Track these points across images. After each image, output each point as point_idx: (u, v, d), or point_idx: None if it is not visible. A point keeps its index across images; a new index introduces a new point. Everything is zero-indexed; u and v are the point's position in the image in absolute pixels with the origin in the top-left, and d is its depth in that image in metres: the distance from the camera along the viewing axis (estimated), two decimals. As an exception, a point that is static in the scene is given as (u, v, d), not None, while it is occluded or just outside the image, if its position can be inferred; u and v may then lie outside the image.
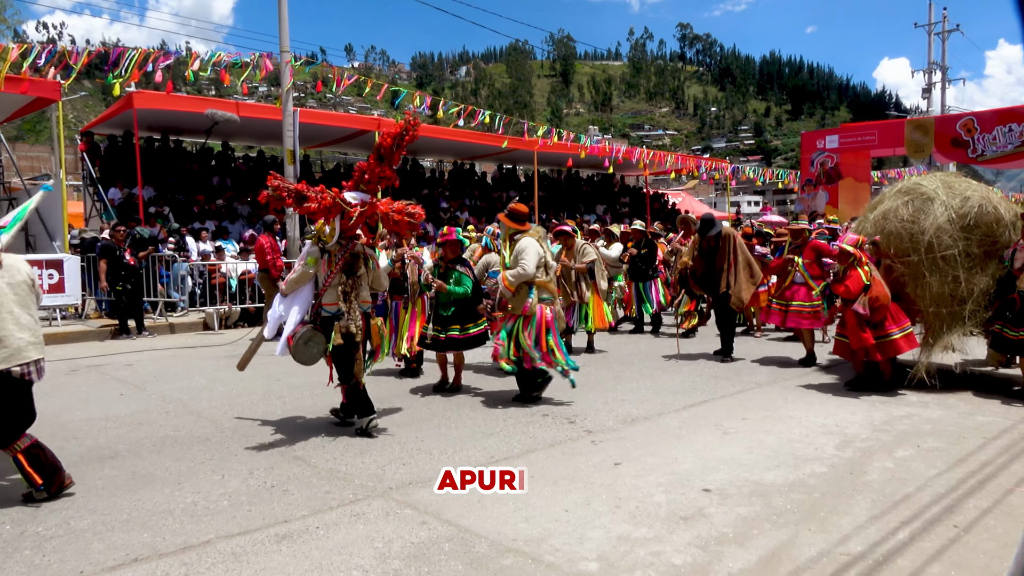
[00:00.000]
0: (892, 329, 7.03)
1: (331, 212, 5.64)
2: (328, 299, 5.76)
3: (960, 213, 7.07)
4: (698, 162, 28.33)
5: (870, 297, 6.91)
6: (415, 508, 4.18)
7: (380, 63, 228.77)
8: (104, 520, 4.06)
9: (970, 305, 6.99)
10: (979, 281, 7.00)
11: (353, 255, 5.79)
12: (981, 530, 3.79)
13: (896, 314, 7.12)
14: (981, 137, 20.62)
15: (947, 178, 7.67)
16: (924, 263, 7.13)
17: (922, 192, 7.41)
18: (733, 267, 8.74)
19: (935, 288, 7.09)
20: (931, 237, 7.07)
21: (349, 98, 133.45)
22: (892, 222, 7.41)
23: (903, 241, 7.30)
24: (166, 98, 14.85)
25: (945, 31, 31.38)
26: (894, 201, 7.56)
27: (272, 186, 5.65)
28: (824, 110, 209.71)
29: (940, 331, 7.20)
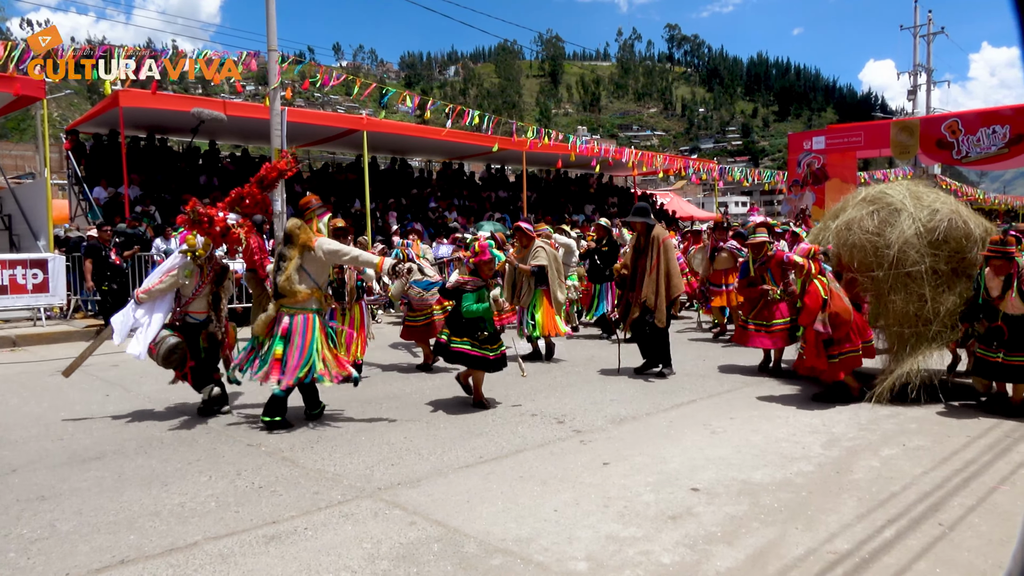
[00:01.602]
0: (857, 343, 6.58)
1: (226, 235, 6.46)
2: (196, 307, 6.48)
3: (928, 227, 6.65)
4: (686, 163, 28.41)
5: (830, 313, 6.41)
6: (404, 508, 4.18)
7: (369, 62, 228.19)
8: (90, 522, 4.03)
9: (935, 326, 6.57)
10: (946, 300, 6.58)
11: (223, 268, 6.62)
12: (966, 528, 3.83)
13: (861, 327, 6.70)
14: (965, 138, 20.80)
15: (914, 188, 7.20)
16: (889, 279, 6.70)
17: (888, 202, 6.96)
18: (653, 273, 7.88)
19: (899, 306, 6.67)
20: (897, 252, 6.63)
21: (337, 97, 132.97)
22: (856, 233, 6.93)
23: (867, 254, 6.84)
24: (152, 96, 14.73)
25: (930, 33, 31.65)
26: (859, 211, 7.07)
27: (190, 211, 6.37)
28: (811, 111, 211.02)
29: (903, 352, 6.72)
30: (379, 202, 19.28)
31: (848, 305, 6.53)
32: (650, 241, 7.95)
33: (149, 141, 17.88)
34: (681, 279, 8.14)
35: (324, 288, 6.19)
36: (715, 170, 28.95)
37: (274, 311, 5.99)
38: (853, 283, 7.03)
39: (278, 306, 5.98)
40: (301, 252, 5.96)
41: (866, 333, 6.74)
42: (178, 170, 17.42)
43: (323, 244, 6.02)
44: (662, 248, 7.90)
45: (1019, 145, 20.04)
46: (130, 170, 14.41)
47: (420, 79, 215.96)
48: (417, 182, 22.98)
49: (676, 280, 7.97)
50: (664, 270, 7.85)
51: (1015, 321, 6.13)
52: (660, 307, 7.84)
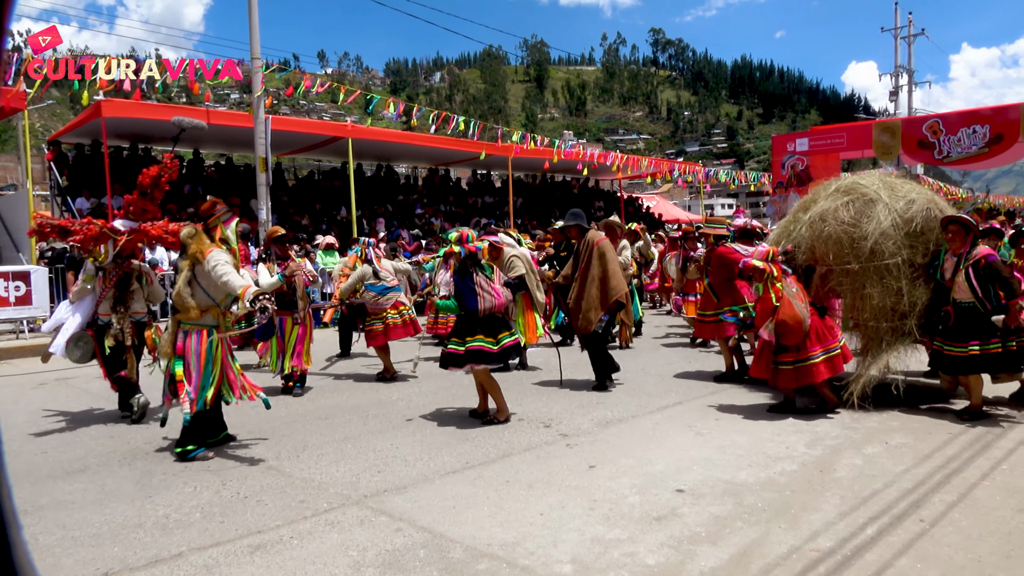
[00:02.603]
0: (815, 351, 6.15)
1: (98, 240, 6.55)
2: (102, 310, 6.66)
3: (905, 218, 6.41)
4: (672, 166, 28.57)
5: (776, 321, 6.11)
6: (390, 515, 4.17)
7: (354, 69, 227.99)
8: (73, 535, 4.00)
9: (912, 320, 6.37)
10: (922, 294, 6.39)
11: (127, 273, 6.69)
12: (947, 524, 3.87)
13: (822, 332, 6.24)
14: (947, 139, 21.04)
15: (887, 178, 6.98)
16: (865, 272, 6.45)
17: (863, 192, 6.70)
18: (583, 279, 7.53)
19: (876, 300, 6.41)
20: (875, 243, 6.35)
21: (323, 104, 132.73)
22: (831, 225, 6.63)
23: (843, 247, 6.55)
24: (135, 106, 14.68)
25: (911, 35, 32.01)
26: (832, 201, 6.80)
27: (37, 224, 6.54)
28: (795, 113, 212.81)
29: (879, 348, 6.47)
30: (365, 209, 19.26)
31: (798, 313, 6.07)
32: (584, 245, 7.62)
33: (132, 151, 17.79)
34: (621, 282, 7.61)
35: (226, 304, 5.64)
36: (701, 173, 29.12)
37: (174, 327, 5.54)
38: (826, 278, 6.79)
39: (176, 322, 5.53)
40: (192, 264, 5.44)
41: (827, 340, 6.23)
42: (162, 180, 17.33)
43: (212, 259, 5.34)
44: (595, 252, 7.53)
45: (999, 145, 20.29)
46: (113, 180, 14.32)
47: (405, 85, 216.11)
48: (403, 189, 22.98)
49: (614, 283, 7.49)
50: (598, 275, 7.47)
51: (964, 309, 5.96)
52: (587, 312, 7.45)
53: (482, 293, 6.17)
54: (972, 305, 5.89)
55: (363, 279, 8.29)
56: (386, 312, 8.32)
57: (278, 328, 7.58)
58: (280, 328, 7.59)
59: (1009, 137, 19.97)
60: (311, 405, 7.22)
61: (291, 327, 7.60)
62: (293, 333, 7.59)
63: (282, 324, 7.60)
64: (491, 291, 6.20)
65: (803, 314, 6.10)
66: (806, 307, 6.19)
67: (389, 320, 8.33)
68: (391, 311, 8.34)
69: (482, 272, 6.25)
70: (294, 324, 7.58)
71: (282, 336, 7.61)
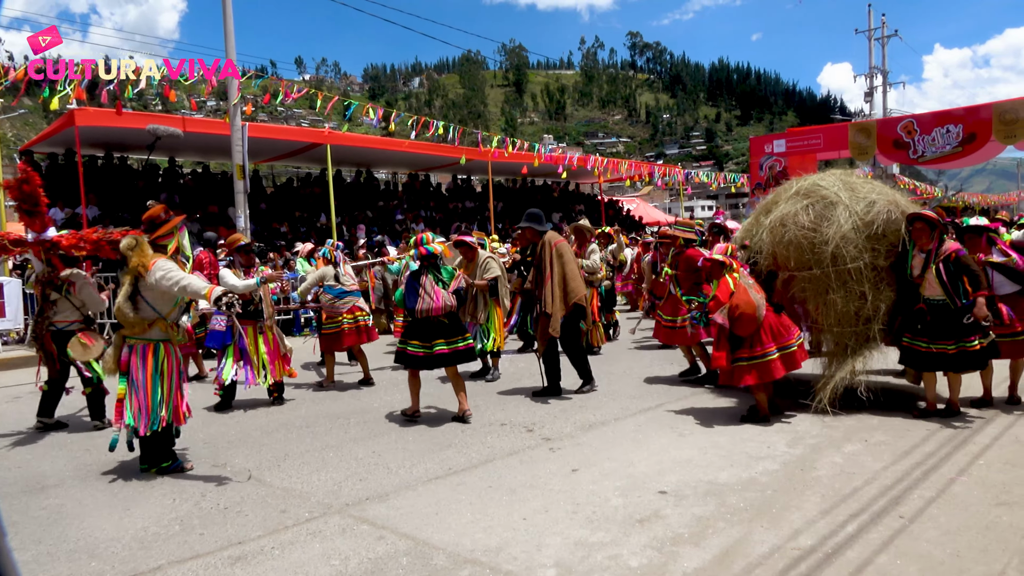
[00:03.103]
0: (770, 347, 6.02)
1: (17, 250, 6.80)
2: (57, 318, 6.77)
3: (866, 220, 6.23)
4: (651, 168, 28.73)
5: (731, 305, 5.98)
6: (372, 523, 4.15)
7: (332, 75, 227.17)
8: (50, 551, 3.94)
9: (876, 324, 6.24)
10: (886, 298, 6.26)
11: (46, 283, 6.70)
12: (926, 519, 3.92)
13: (777, 329, 6.12)
14: (921, 138, 21.32)
15: (848, 178, 6.78)
16: (827, 277, 6.28)
17: (823, 195, 6.49)
18: (548, 282, 7.28)
19: (840, 306, 6.26)
20: (835, 247, 6.18)
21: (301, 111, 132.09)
22: (792, 230, 6.43)
23: (804, 252, 6.37)
24: (109, 115, 14.47)
25: (884, 36, 32.41)
26: (792, 205, 6.60)
27: None
28: (772, 115, 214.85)
29: (844, 354, 6.37)
30: (345, 216, 19.17)
31: (753, 300, 5.98)
32: (544, 248, 7.39)
33: (107, 160, 17.58)
34: (580, 283, 7.46)
35: (174, 317, 5.31)
36: (681, 175, 29.30)
37: (119, 342, 5.23)
38: (788, 283, 6.64)
39: (121, 336, 5.22)
40: (133, 277, 5.10)
41: (783, 337, 6.12)
42: (137, 188, 17.15)
43: (159, 268, 5.00)
44: (554, 254, 7.32)
45: (972, 144, 20.60)
46: (87, 190, 14.14)
47: (384, 91, 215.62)
48: (383, 194, 22.90)
49: (573, 285, 7.32)
50: (559, 277, 7.28)
51: (937, 306, 5.91)
52: (555, 316, 7.23)
53: (423, 294, 6.37)
54: (943, 302, 5.86)
55: (323, 279, 8.21)
56: (342, 316, 8.20)
57: (238, 337, 7.23)
58: (240, 337, 7.22)
59: (982, 136, 20.28)
60: (292, 414, 7.16)
61: (254, 336, 7.29)
62: (260, 343, 7.30)
63: (242, 334, 7.24)
64: (432, 294, 6.36)
65: (758, 302, 5.99)
66: (762, 298, 6.09)
67: (345, 325, 8.20)
68: (347, 316, 8.21)
69: (433, 275, 6.44)
70: (257, 333, 7.31)
71: (243, 345, 7.24)
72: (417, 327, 6.46)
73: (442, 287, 6.42)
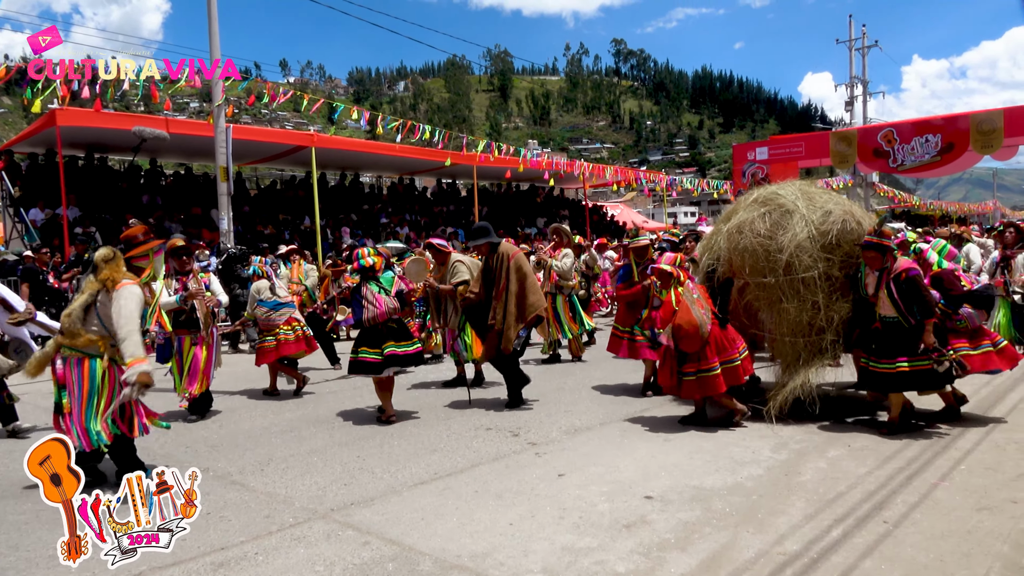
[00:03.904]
0: (714, 362, 5.96)
1: None
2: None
3: (821, 230, 6.16)
4: (636, 174, 28.89)
5: (673, 326, 5.94)
6: (357, 529, 4.11)
7: (316, 78, 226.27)
8: (28, 557, 3.87)
9: (829, 335, 6.14)
10: (839, 308, 6.15)
11: None
12: (909, 524, 3.94)
13: (722, 343, 6.05)
14: (901, 147, 21.63)
15: (807, 188, 6.73)
16: (782, 286, 6.19)
17: (781, 203, 6.44)
18: (503, 295, 6.99)
19: (792, 315, 6.16)
20: (790, 256, 6.11)
21: (285, 113, 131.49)
22: (748, 237, 6.37)
23: (759, 260, 6.30)
24: (91, 115, 14.34)
25: (865, 47, 32.83)
26: (750, 213, 6.55)
27: None
28: (754, 123, 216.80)
29: (796, 364, 6.26)
30: (329, 219, 19.09)
31: (695, 318, 5.89)
32: (497, 260, 7.07)
33: (88, 160, 17.38)
34: (541, 297, 7.21)
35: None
36: (665, 181, 29.48)
37: (52, 348, 4.96)
38: (743, 292, 6.52)
39: (57, 344, 4.94)
40: (98, 290, 4.88)
41: (727, 351, 6.05)
42: (119, 190, 16.98)
43: (122, 296, 4.77)
44: (511, 266, 7.01)
45: (950, 153, 20.91)
46: (68, 191, 13.98)
47: (369, 95, 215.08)
48: (368, 198, 22.83)
49: (532, 299, 7.05)
50: (515, 290, 6.98)
51: (888, 325, 5.75)
52: (507, 331, 6.95)
53: (367, 304, 6.63)
54: (896, 320, 5.70)
55: (259, 293, 8.13)
56: (279, 328, 8.07)
57: (176, 348, 7.05)
58: (179, 348, 7.05)
59: (959, 146, 20.60)
60: (276, 418, 7.10)
61: (188, 347, 7.02)
62: (190, 354, 7.01)
63: (180, 344, 7.07)
64: (375, 302, 6.62)
65: (700, 320, 5.90)
66: (707, 314, 6.00)
67: (281, 336, 8.05)
68: (284, 327, 8.09)
69: (374, 285, 6.69)
70: (192, 344, 7.02)
71: (180, 356, 7.05)
72: (366, 335, 6.69)
73: (384, 294, 6.67)
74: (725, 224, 6.81)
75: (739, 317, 6.57)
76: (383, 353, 6.57)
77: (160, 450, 5.99)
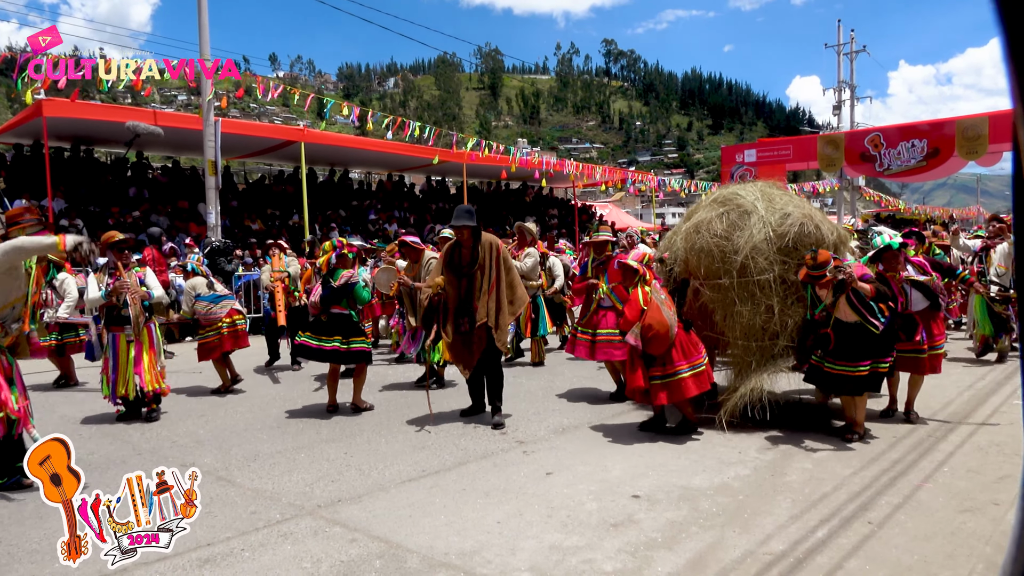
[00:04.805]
0: (681, 366, 5.72)
1: None
2: None
3: (778, 232, 5.99)
4: (624, 174, 28.95)
5: (643, 325, 5.68)
6: (344, 525, 4.10)
7: (306, 73, 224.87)
8: (10, 551, 3.84)
9: (783, 340, 5.96)
10: (794, 313, 5.96)
11: None
12: (893, 525, 3.98)
13: (687, 347, 5.80)
14: (887, 152, 21.82)
15: (768, 189, 6.54)
16: (736, 288, 6.01)
17: (739, 203, 6.29)
18: (493, 290, 6.34)
19: (746, 318, 5.97)
20: (745, 258, 5.94)
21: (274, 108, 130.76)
22: (704, 237, 6.20)
23: (714, 260, 6.11)
24: (79, 106, 14.21)
25: (853, 52, 33.07)
26: (708, 212, 6.40)
27: None
28: (743, 125, 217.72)
29: (748, 369, 6.06)
30: (318, 215, 19.01)
31: (666, 319, 5.67)
32: (484, 250, 6.35)
33: (74, 152, 17.21)
34: (524, 292, 6.77)
35: (5, 317, 4.93)
36: (653, 182, 29.55)
37: None
38: (699, 293, 6.34)
39: None
40: None
41: (693, 355, 5.80)
42: (105, 182, 16.82)
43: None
44: (501, 258, 6.42)
45: (936, 159, 21.12)
46: (54, 183, 13.82)
47: (359, 90, 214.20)
48: (357, 194, 22.74)
49: (520, 292, 6.61)
50: (506, 283, 6.42)
51: (845, 328, 5.59)
52: (503, 330, 6.42)
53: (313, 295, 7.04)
54: (859, 324, 5.52)
55: (194, 289, 8.05)
56: (221, 321, 7.94)
57: (110, 346, 6.70)
58: (112, 346, 6.68)
59: (945, 151, 20.80)
60: (262, 413, 7.07)
61: (124, 345, 6.67)
62: (128, 353, 6.64)
63: (114, 341, 6.69)
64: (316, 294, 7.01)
65: (670, 321, 5.70)
66: (673, 315, 5.80)
67: (225, 330, 7.93)
68: (226, 319, 7.96)
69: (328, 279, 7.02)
70: (127, 342, 6.68)
71: (114, 355, 6.67)
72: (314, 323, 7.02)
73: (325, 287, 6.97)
74: (686, 223, 6.65)
75: (694, 319, 6.37)
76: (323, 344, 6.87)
77: (146, 445, 5.95)
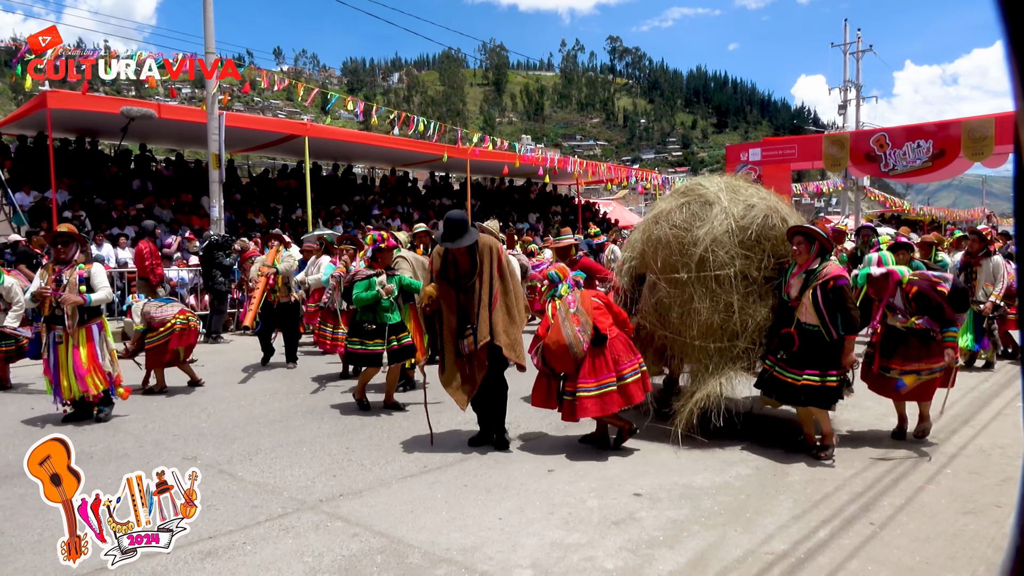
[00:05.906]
0: (587, 383, 5.23)
1: None
2: None
3: (741, 224, 5.55)
4: (629, 172, 28.91)
5: (544, 342, 5.28)
6: (346, 520, 4.11)
7: (310, 67, 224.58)
8: (12, 542, 3.84)
9: (743, 342, 5.51)
10: (756, 313, 5.49)
11: None
12: (895, 526, 3.98)
13: (599, 365, 5.24)
14: (892, 152, 21.73)
15: (734, 181, 6.08)
16: (694, 283, 5.54)
17: (701, 194, 5.86)
18: (499, 300, 5.48)
19: (704, 316, 5.49)
20: (705, 250, 5.49)
21: (278, 102, 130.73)
22: (663, 227, 5.76)
23: (672, 252, 5.66)
24: (82, 98, 14.19)
25: (859, 51, 32.93)
26: (669, 203, 5.99)
27: None
28: (747, 124, 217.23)
29: (705, 372, 5.60)
30: (321, 209, 19.00)
31: (563, 338, 5.16)
32: (486, 256, 5.48)
33: (78, 144, 17.21)
34: (524, 300, 6.11)
35: None
36: (658, 179, 29.51)
37: None
38: (655, 289, 5.90)
39: None
40: None
41: (603, 374, 5.24)
42: (109, 174, 16.83)
43: None
44: (505, 263, 5.61)
45: (941, 159, 21.03)
46: (58, 174, 13.83)
47: (363, 85, 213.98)
48: (360, 189, 22.73)
49: (523, 303, 5.85)
50: (514, 290, 5.61)
51: (807, 334, 5.19)
52: (518, 343, 5.59)
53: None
54: (817, 329, 5.15)
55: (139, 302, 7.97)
56: (174, 318, 7.71)
57: (49, 346, 6.44)
58: (52, 345, 6.43)
59: (951, 152, 20.71)
60: (264, 408, 7.07)
61: (67, 342, 6.41)
62: (68, 352, 6.38)
63: (54, 339, 6.44)
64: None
65: (571, 339, 5.16)
66: (583, 332, 5.21)
67: (178, 326, 7.67)
68: (179, 315, 7.78)
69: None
70: (56, 342, 6.43)
71: (53, 354, 6.42)
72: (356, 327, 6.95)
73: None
74: (648, 215, 6.38)
75: (648, 318, 6.02)
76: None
77: (148, 437, 5.96)
